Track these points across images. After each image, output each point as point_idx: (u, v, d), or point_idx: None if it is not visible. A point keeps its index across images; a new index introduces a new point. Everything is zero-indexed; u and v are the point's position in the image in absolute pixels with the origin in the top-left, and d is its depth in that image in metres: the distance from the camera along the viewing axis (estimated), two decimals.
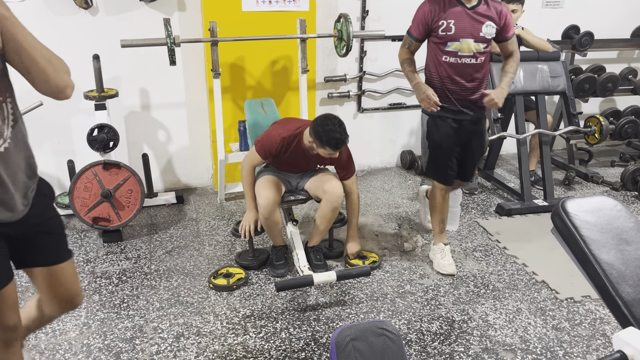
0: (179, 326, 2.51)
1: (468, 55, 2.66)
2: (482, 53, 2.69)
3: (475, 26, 2.64)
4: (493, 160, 4.38)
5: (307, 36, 3.48)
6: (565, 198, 1.49)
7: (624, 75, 4.65)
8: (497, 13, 2.67)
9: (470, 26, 2.63)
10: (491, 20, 2.66)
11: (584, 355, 2.35)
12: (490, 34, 2.67)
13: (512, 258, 3.16)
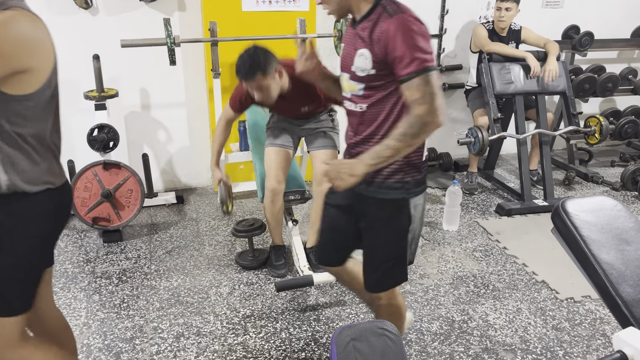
0: (179, 326, 2.51)
1: (346, 97, 1.78)
2: (362, 98, 1.68)
3: (352, 54, 1.67)
4: (493, 160, 4.38)
5: (307, 36, 3.47)
6: (565, 198, 1.49)
7: (624, 75, 4.65)
8: (378, 36, 1.56)
9: (348, 54, 1.70)
10: (366, 48, 1.61)
11: (584, 355, 2.35)
12: (364, 69, 1.62)
13: (512, 258, 3.16)
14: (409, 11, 1.58)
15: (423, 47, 1.52)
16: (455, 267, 3.05)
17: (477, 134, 3.57)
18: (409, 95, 1.54)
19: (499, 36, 3.94)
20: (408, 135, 1.54)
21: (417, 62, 1.50)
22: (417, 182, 1.73)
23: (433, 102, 1.51)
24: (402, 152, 1.58)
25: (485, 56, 3.81)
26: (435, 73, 1.54)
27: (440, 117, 1.54)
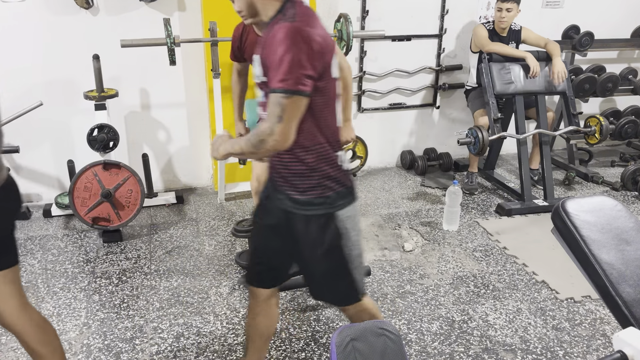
0: (179, 326, 2.51)
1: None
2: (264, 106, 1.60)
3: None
4: (493, 160, 4.38)
5: None
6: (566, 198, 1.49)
7: (624, 75, 4.65)
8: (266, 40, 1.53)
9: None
10: (259, 53, 1.58)
11: (584, 355, 2.35)
12: (258, 76, 1.59)
13: (512, 258, 3.16)
14: (307, 20, 1.51)
15: (298, 66, 1.43)
16: (455, 267, 3.05)
17: (477, 134, 3.57)
18: (267, 107, 1.49)
19: (499, 36, 3.94)
20: (250, 143, 1.52)
21: (279, 79, 1.43)
22: (342, 195, 1.66)
23: (274, 125, 1.46)
24: (247, 155, 1.59)
25: (485, 56, 3.81)
26: (295, 99, 1.45)
27: (277, 142, 1.47)
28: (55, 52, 3.51)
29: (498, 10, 3.84)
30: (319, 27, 1.58)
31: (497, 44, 3.83)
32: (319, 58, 1.48)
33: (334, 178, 1.65)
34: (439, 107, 4.61)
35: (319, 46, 1.49)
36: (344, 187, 1.67)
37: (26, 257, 3.11)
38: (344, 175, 1.68)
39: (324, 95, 1.56)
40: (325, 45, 1.53)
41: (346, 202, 1.67)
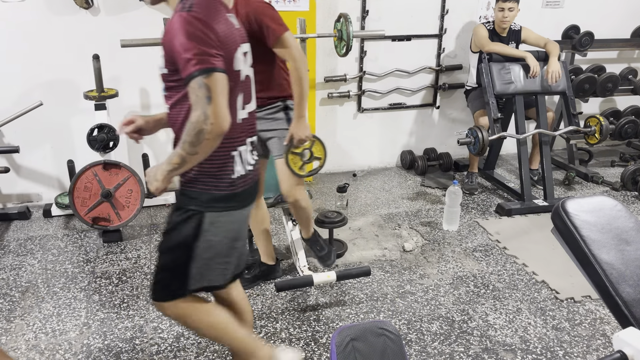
0: (179, 326, 2.51)
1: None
2: (165, 99, 1.61)
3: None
4: (493, 160, 4.38)
5: (307, 36, 3.47)
6: (565, 198, 1.49)
7: (624, 75, 4.64)
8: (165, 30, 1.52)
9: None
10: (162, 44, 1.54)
11: (584, 355, 2.35)
12: (160, 67, 1.56)
13: (512, 258, 3.16)
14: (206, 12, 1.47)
15: (205, 45, 1.43)
16: (455, 267, 3.05)
17: (477, 134, 3.57)
18: (190, 98, 1.45)
19: (500, 36, 3.94)
20: (187, 142, 1.44)
21: (192, 63, 1.41)
22: (218, 199, 1.60)
23: (206, 108, 1.40)
24: (188, 160, 1.48)
25: (485, 56, 3.81)
26: (215, 75, 1.42)
27: (214, 125, 1.41)
28: (55, 52, 3.51)
29: (500, 10, 3.83)
30: (221, 19, 1.53)
31: (497, 44, 3.83)
32: (219, 46, 1.47)
33: (216, 177, 1.59)
34: (439, 107, 4.61)
35: (217, 36, 1.47)
36: (225, 193, 1.60)
37: (26, 257, 3.11)
38: (230, 180, 1.61)
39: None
40: (225, 37, 1.51)
41: (220, 207, 1.61)
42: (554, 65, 3.74)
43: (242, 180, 1.65)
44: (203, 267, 1.68)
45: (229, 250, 1.72)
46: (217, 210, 1.61)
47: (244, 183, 1.66)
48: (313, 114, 4.11)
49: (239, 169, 1.63)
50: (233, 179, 1.62)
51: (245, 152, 1.67)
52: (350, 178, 4.39)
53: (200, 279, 1.70)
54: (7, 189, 3.77)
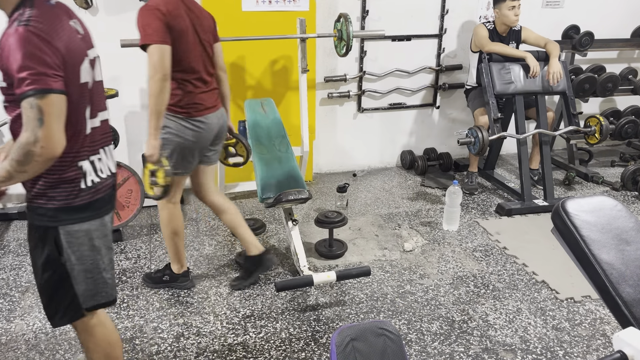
0: (179, 326, 2.51)
1: None
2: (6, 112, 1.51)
3: None
4: (493, 160, 4.38)
5: (307, 36, 3.48)
6: (565, 198, 1.49)
7: (624, 75, 4.65)
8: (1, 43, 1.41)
9: None
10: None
11: (584, 355, 2.35)
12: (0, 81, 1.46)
13: (512, 258, 3.16)
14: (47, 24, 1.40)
15: (37, 68, 1.35)
16: (455, 267, 3.05)
17: (477, 134, 3.57)
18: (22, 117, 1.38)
19: (500, 36, 3.94)
20: (15, 161, 1.40)
21: (26, 82, 1.34)
22: (69, 210, 1.55)
23: (37, 130, 1.35)
24: (16, 177, 1.44)
25: (485, 56, 3.81)
26: (50, 97, 1.36)
27: (44, 148, 1.37)
28: None
29: (511, 9, 3.78)
30: (63, 30, 1.46)
31: (497, 44, 3.83)
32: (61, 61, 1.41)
33: (63, 190, 1.54)
34: (439, 107, 4.61)
35: (57, 52, 1.41)
36: (76, 203, 1.56)
37: (26, 257, 3.11)
38: (78, 189, 1.56)
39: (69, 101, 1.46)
40: (68, 51, 1.45)
41: (74, 219, 1.57)
42: (555, 66, 3.74)
43: (94, 189, 1.61)
44: (88, 282, 1.65)
45: (108, 260, 1.70)
46: (71, 223, 1.56)
47: (97, 192, 1.62)
48: (313, 114, 4.11)
49: (92, 178, 1.59)
50: (83, 188, 1.57)
51: (98, 160, 1.64)
52: (350, 178, 4.39)
53: (93, 295, 1.67)
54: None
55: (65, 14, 1.54)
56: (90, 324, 1.75)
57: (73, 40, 1.50)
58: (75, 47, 1.50)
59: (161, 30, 2.23)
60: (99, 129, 1.65)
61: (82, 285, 1.64)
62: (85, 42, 1.59)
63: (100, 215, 1.64)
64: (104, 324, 1.79)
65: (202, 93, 2.47)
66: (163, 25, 2.26)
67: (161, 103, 2.25)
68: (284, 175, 2.91)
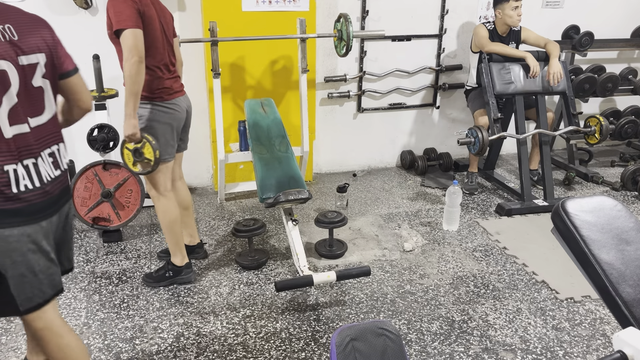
0: (179, 326, 2.51)
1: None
2: None
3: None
4: (493, 160, 4.38)
5: (307, 36, 3.48)
6: (565, 198, 1.49)
7: (624, 75, 4.65)
8: None
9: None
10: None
11: (584, 355, 2.35)
12: None
13: (512, 258, 3.16)
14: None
15: None
16: (455, 267, 3.05)
17: (477, 134, 3.57)
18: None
19: (500, 36, 3.94)
20: None
21: None
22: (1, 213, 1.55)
23: None
24: None
25: (485, 56, 3.81)
26: None
27: None
28: None
29: (514, 9, 3.77)
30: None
31: (497, 44, 3.83)
32: None
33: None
34: (439, 107, 4.61)
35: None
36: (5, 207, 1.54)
37: None
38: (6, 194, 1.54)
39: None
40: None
41: (6, 224, 1.55)
42: (555, 67, 3.73)
43: (29, 194, 1.59)
44: (24, 286, 1.63)
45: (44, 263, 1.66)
46: (1, 227, 1.55)
47: (32, 197, 1.60)
48: (313, 114, 4.11)
49: (25, 182, 1.58)
50: (15, 193, 1.55)
51: (38, 165, 1.63)
52: (350, 178, 4.39)
53: (27, 299, 1.65)
54: None
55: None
56: (37, 327, 1.74)
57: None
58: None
59: (134, 16, 2.34)
60: (33, 134, 1.62)
61: (17, 288, 1.62)
62: (15, 48, 1.57)
63: (36, 220, 1.62)
64: (49, 328, 1.76)
65: (169, 79, 2.61)
66: (135, 11, 2.37)
67: (138, 84, 2.36)
68: (284, 175, 2.91)
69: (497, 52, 3.78)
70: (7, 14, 1.60)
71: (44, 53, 1.67)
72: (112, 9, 2.36)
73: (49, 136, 1.70)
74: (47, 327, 1.76)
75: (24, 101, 1.60)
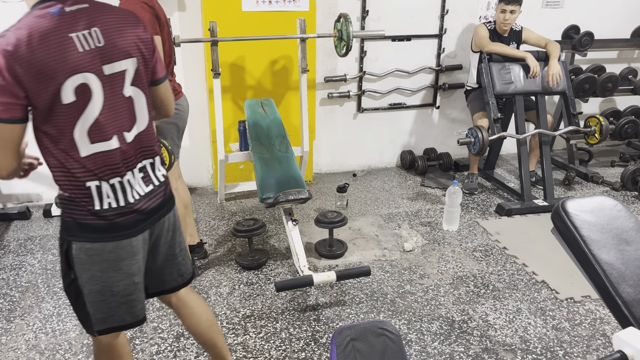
0: (179, 326, 2.51)
1: None
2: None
3: None
4: (493, 160, 4.38)
5: (307, 36, 3.47)
6: (565, 198, 1.49)
7: (624, 75, 4.65)
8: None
9: None
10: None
11: (584, 355, 2.35)
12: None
13: (512, 258, 3.16)
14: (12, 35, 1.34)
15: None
16: (455, 267, 3.05)
17: (477, 134, 3.57)
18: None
19: (500, 37, 3.94)
20: None
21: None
22: (82, 227, 1.49)
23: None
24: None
25: (485, 56, 3.81)
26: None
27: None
28: None
29: (501, 12, 3.81)
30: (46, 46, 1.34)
31: (497, 44, 3.83)
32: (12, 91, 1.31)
33: (78, 205, 1.48)
34: (439, 107, 4.61)
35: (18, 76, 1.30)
36: (87, 221, 1.49)
37: (26, 257, 3.11)
38: (90, 209, 1.48)
39: (54, 124, 1.39)
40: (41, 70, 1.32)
41: (86, 238, 1.50)
42: (554, 67, 3.73)
43: (113, 212, 1.50)
44: (101, 304, 1.58)
45: (124, 286, 1.58)
46: (83, 240, 1.50)
47: (116, 215, 1.51)
48: (313, 114, 4.11)
49: (109, 200, 1.50)
50: (97, 210, 1.48)
51: (125, 183, 1.53)
52: (350, 178, 4.39)
53: (102, 320, 1.61)
54: (7, 189, 3.77)
55: (73, 25, 1.38)
56: (100, 342, 1.70)
57: (58, 59, 1.35)
58: (59, 66, 1.34)
59: (153, 22, 2.28)
60: (123, 151, 1.51)
61: (94, 305, 1.58)
62: (100, 56, 1.42)
63: (119, 238, 1.53)
64: (112, 349, 1.71)
65: (171, 81, 2.62)
66: (153, 17, 2.30)
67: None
68: (284, 175, 2.91)
69: (497, 52, 3.78)
70: (97, 15, 1.44)
71: (135, 58, 1.50)
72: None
73: (140, 150, 1.57)
74: (111, 346, 1.71)
75: (110, 115, 1.46)
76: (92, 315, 1.59)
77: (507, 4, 3.77)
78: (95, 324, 1.60)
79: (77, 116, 1.41)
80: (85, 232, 1.50)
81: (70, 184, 1.47)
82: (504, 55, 3.78)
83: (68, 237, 1.51)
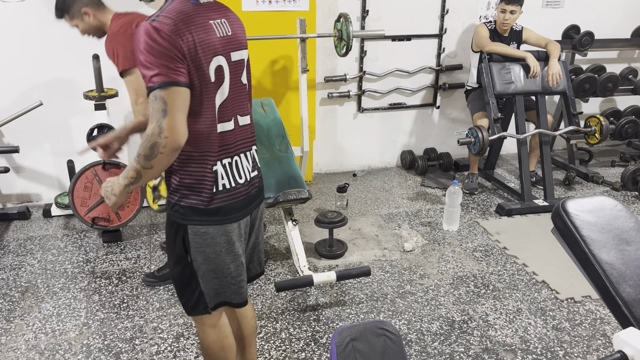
0: (179, 326, 2.51)
1: None
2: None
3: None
4: (493, 160, 4.38)
5: (307, 36, 3.47)
6: (566, 198, 1.49)
7: (624, 75, 4.64)
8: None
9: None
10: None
11: (584, 355, 2.35)
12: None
13: (512, 258, 3.15)
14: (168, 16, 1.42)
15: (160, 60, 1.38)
16: (455, 267, 3.05)
17: (477, 134, 3.56)
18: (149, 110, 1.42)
19: (501, 36, 3.94)
20: (141, 155, 1.42)
21: (150, 76, 1.39)
22: (198, 212, 1.56)
23: (161, 121, 1.38)
24: (144, 174, 1.46)
25: (485, 56, 3.80)
26: (174, 89, 1.39)
27: (169, 139, 1.39)
28: (55, 52, 3.51)
29: (501, 12, 3.81)
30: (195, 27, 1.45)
31: (498, 44, 3.83)
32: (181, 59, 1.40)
33: (194, 190, 1.55)
34: (439, 107, 4.61)
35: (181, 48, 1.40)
36: (204, 205, 1.55)
37: (26, 257, 3.11)
38: (209, 192, 1.55)
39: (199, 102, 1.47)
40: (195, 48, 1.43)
41: (202, 221, 1.57)
42: (554, 67, 3.73)
43: (226, 194, 1.58)
44: (214, 282, 1.66)
45: (235, 267, 1.67)
46: (197, 224, 1.57)
47: (229, 197, 1.59)
48: (313, 114, 4.11)
49: (224, 182, 1.57)
50: (214, 192, 1.56)
51: (234, 165, 1.61)
52: (350, 178, 4.39)
53: (215, 295, 1.69)
54: (7, 189, 3.77)
55: (209, 13, 1.51)
56: (207, 323, 1.76)
57: (205, 38, 1.46)
58: (206, 45, 1.46)
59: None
60: (235, 133, 1.60)
61: (208, 284, 1.66)
62: (229, 43, 1.54)
63: (228, 221, 1.60)
64: (219, 327, 1.79)
65: None
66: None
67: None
68: (284, 175, 2.91)
69: (498, 52, 3.78)
70: (222, 9, 1.59)
71: (246, 50, 1.65)
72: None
73: (247, 138, 1.67)
74: (216, 325, 1.78)
75: (233, 98, 1.58)
76: (206, 294, 1.67)
77: (508, 4, 3.77)
78: (210, 300, 1.69)
79: (215, 95, 1.51)
80: (202, 216, 1.57)
81: (192, 167, 1.53)
82: (504, 55, 3.78)
83: (183, 220, 1.57)
